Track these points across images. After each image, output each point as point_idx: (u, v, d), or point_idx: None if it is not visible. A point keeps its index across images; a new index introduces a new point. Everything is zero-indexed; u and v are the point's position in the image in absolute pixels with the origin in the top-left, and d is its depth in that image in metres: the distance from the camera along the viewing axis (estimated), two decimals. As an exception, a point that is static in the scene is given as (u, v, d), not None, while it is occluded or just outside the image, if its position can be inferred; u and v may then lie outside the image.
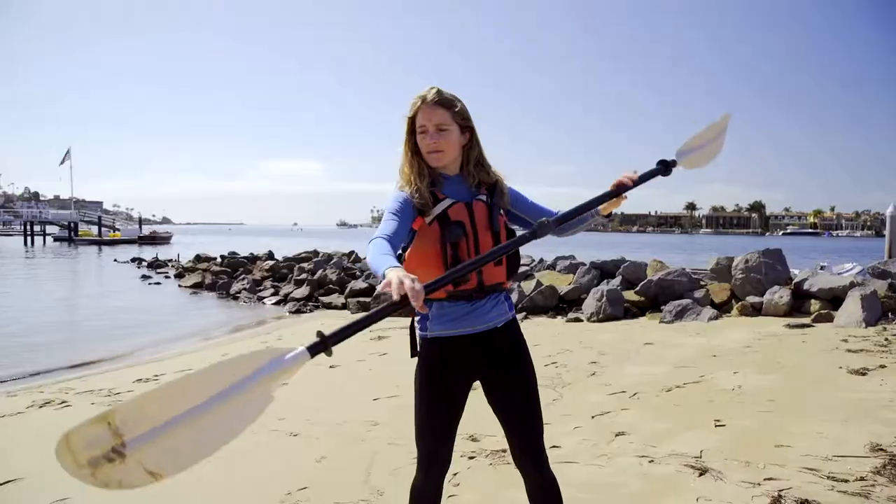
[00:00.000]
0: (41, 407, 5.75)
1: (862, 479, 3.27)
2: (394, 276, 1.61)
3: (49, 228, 67.22)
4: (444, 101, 2.09)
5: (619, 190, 2.07)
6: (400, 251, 2.08)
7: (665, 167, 2.25)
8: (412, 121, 2.13)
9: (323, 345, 1.54)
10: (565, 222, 2.02)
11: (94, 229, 65.15)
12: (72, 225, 63.86)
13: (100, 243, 56.85)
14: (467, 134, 2.17)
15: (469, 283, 2.07)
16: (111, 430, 1.24)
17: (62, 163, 65.88)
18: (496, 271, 2.12)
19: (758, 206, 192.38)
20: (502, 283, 2.16)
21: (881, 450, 3.67)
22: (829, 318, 8.57)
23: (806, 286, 9.62)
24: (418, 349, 2.18)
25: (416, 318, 2.18)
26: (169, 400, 1.33)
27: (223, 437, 1.39)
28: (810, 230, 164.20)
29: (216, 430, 1.37)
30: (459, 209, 2.10)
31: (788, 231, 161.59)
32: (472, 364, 2.16)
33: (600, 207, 2.09)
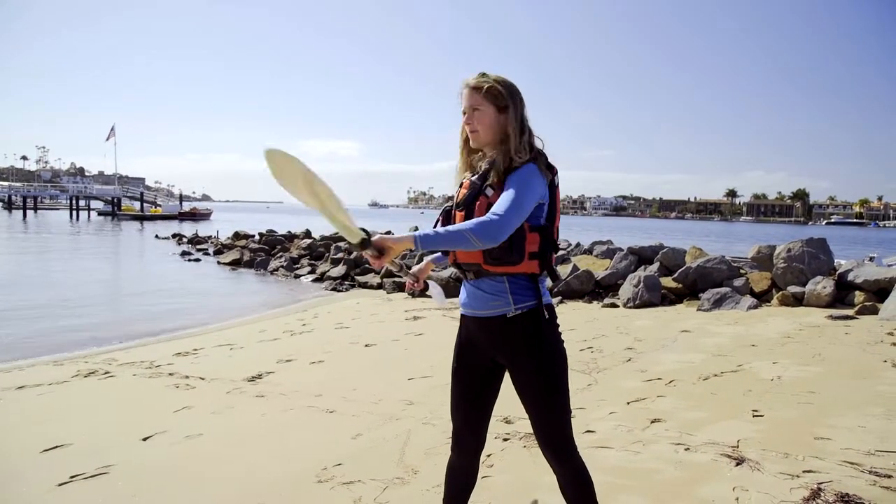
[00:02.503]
0: (86, 376, 5.93)
1: (905, 475, 3.20)
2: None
3: (93, 203, 68.89)
4: (476, 84, 2.14)
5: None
6: None
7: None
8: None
9: None
10: None
11: (137, 205, 66.57)
12: (115, 200, 65.29)
13: (141, 219, 58.08)
14: (507, 113, 2.14)
15: (449, 258, 2.22)
16: None
17: (108, 139, 67.27)
18: (467, 252, 2.07)
19: (801, 195, 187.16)
20: (481, 265, 2.07)
21: (926, 446, 3.58)
22: (874, 311, 8.36)
23: (850, 277, 9.40)
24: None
25: None
26: None
27: None
28: (855, 220, 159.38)
29: None
30: (459, 190, 2.22)
31: (832, 220, 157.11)
32: (484, 346, 2.18)
33: None
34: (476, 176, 2.16)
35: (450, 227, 1.90)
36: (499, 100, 2.13)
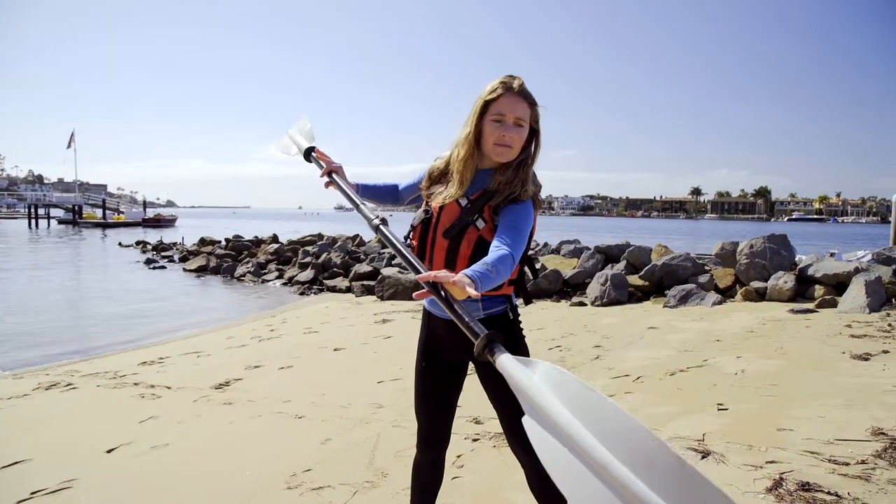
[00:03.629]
0: (47, 389, 5.79)
1: (863, 462, 3.29)
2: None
3: (53, 212, 67.31)
4: (529, 97, 1.99)
5: (424, 278, 1.73)
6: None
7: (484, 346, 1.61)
8: (486, 105, 1.99)
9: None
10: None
11: (99, 212, 65.23)
12: (76, 208, 63.94)
13: (104, 226, 56.94)
14: (530, 137, 2.05)
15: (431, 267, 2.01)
16: None
17: (69, 146, 65.77)
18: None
19: (763, 192, 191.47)
20: None
21: (882, 434, 3.68)
22: (833, 304, 8.57)
23: (810, 271, 9.62)
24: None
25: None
26: None
27: None
28: (815, 216, 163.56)
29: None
30: (435, 205, 2.07)
31: (793, 217, 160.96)
32: (456, 346, 2.10)
33: None
34: (465, 200, 2.02)
35: (490, 263, 1.75)
36: (537, 123, 2.04)
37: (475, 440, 3.91)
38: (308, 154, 2.56)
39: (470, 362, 2.20)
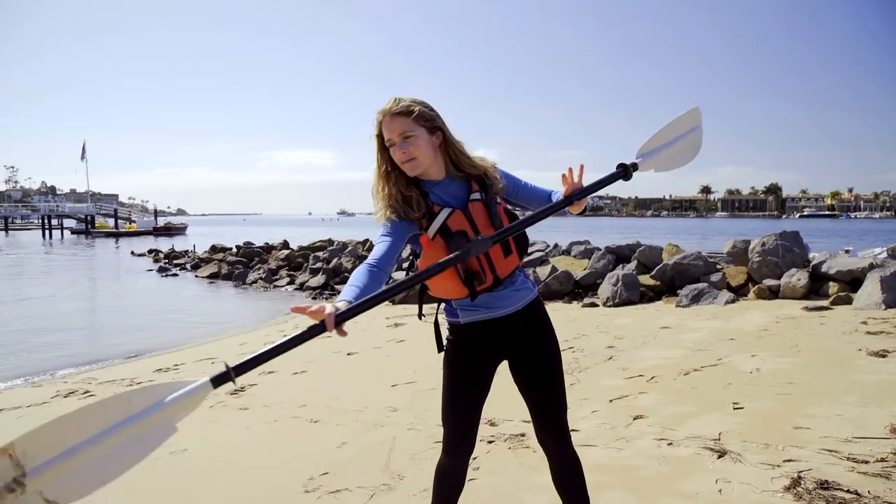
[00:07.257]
0: (65, 397, 5.85)
1: (882, 460, 3.27)
2: (325, 305, 1.69)
3: (66, 222, 68.03)
4: (402, 110, 2.03)
5: (568, 200, 1.98)
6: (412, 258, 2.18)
7: (625, 171, 2.11)
8: (380, 138, 2.09)
9: (226, 376, 1.55)
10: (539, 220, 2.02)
11: (111, 222, 65.87)
12: (88, 218, 64.58)
13: (116, 235, 57.49)
14: (438, 134, 2.10)
15: (485, 283, 2.06)
16: (12, 461, 1.31)
17: (82, 157, 66.41)
18: (508, 261, 2.10)
19: (774, 189, 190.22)
20: (517, 267, 2.17)
21: (901, 431, 3.66)
22: (848, 301, 8.50)
23: (824, 268, 9.56)
24: (448, 335, 2.25)
25: (443, 308, 2.22)
26: (68, 429, 1.38)
27: (121, 465, 1.43)
28: (828, 212, 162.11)
29: (114, 459, 1.41)
30: (457, 217, 2.06)
31: (805, 214, 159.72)
32: (498, 346, 2.17)
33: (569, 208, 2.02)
34: (474, 193, 2.11)
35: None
36: (430, 121, 2.08)
37: (490, 442, 3.91)
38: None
39: (501, 362, 2.23)
